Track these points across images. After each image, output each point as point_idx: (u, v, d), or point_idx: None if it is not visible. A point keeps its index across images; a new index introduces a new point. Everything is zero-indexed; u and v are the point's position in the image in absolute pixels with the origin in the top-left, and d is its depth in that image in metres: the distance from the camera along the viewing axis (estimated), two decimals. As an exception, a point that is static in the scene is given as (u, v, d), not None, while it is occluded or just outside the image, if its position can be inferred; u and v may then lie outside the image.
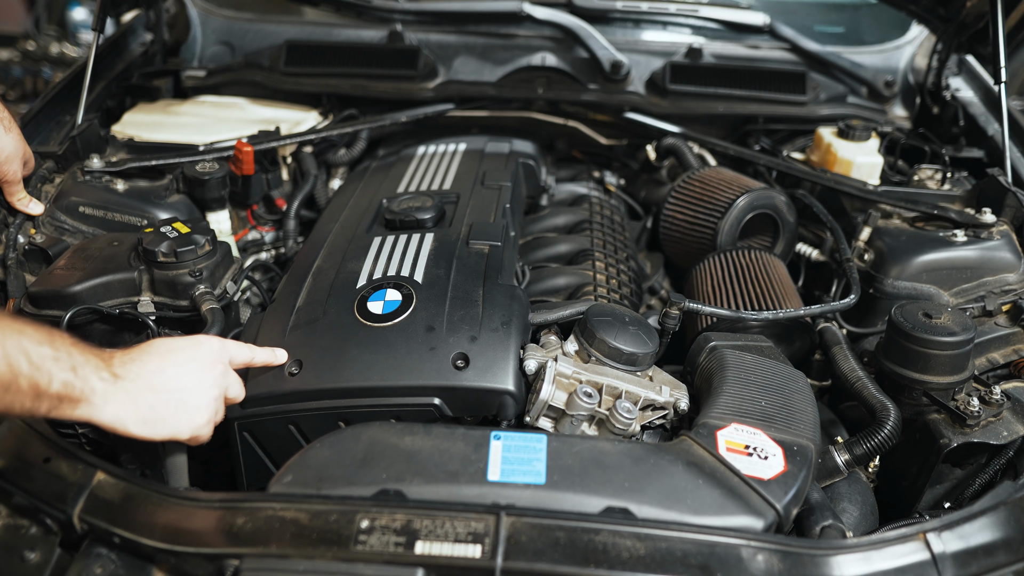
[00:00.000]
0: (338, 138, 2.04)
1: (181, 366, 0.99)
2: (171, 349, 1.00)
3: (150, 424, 0.94)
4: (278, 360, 1.18)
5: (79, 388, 0.87)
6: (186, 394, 0.98)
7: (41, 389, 0.84)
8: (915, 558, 0.89)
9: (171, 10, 2.31)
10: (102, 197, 1.61)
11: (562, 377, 1.17)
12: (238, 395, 1.11)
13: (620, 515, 0.92)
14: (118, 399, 0.91)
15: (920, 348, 1.25)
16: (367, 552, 0.85)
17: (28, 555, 0.92)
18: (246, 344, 1.14)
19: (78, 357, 0.88)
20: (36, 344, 0.84)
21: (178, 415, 0.97)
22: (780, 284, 1.52)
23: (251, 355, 1.14)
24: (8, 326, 0.83)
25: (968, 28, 2.01)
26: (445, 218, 1.53)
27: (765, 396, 1.13)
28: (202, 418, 1.01)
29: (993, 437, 1.20)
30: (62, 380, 0.85)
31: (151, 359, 0.97)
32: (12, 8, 4.60)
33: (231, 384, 1.09)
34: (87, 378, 0.88)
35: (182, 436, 0.99)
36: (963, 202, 1.74)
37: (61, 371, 0.85)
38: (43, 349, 0.84)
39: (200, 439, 1.04)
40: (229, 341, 1.11)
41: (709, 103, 2.13)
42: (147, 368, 0.95)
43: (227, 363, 1.08)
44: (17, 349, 0.82)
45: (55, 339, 0.87)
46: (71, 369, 0.86)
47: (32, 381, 0.83)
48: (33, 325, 0.86)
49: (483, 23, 2.24)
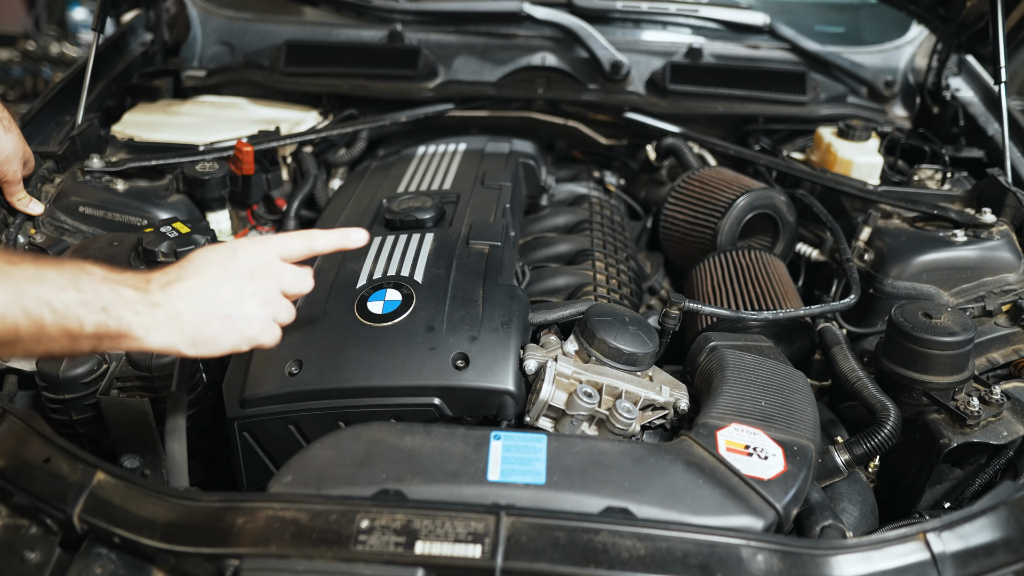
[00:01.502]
0: (338, 138, 2.04)
1: (218, 280, 0.95)
2: (207, 262, 0.96)
3: (201, 345, 0.92)
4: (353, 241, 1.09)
5: (114, 326, 0.85)
6: (230, 308, 0.94)
7: (75, 333, 0.82)
8: (915, 558, 0.89)
9: (171, 10, 2.31)
10: (102, 197, 1.61)
11: (562, 377, 1.17)
12: (301, 288, 1.04)
13: (620, 515, 0.92)
14: (160, 327, 0.89)
15: (920, 348, 1.25)
16: (367, 552, 0.85)
17: (28, 555, 0.92)
18: (302, 232, 1.06)
19: (107, 295, 0.85)
20: (59, 291, 0.82)
21: (226, 330, 0.94)
22: (780, 284, 1.52)
23: (310, 243, 1.05)
24: (26, 276, 0.81)
25: (968, 28, 2.01)
26: (445, 218, 1.53)
27: (765, 396, 1.13)
28: (253, 327, 0.97)
29: (993, 437, 1.20)
30: (94, 322, 0.83)
31: (188, 278, 0.93)
32: (12, 8, 4.60)
33: (286, 281, 1.01)
34: (121, 315, 0.86)
35: (241, 348, 0.96)
36: (963, 202, 1.74)
37: (91, 313, 0.83)
38: (67, 295, 0.82)
39: (264, 344, 1.00)
40: (275, 237, 1.03)
41: (709, 103, 2.13)
42: (185, 289, 0.92)
43: (270, 263, 1.00)
44: (37, 301, 0.80)
45: (80, 280, 0.84)
46: (101, 310, 0.84)
47: (62, 328, 0.81)
48: (56, 267, 0.84)
49: (483, 23, 2.24)
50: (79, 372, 1.18)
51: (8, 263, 0.81)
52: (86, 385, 1.19)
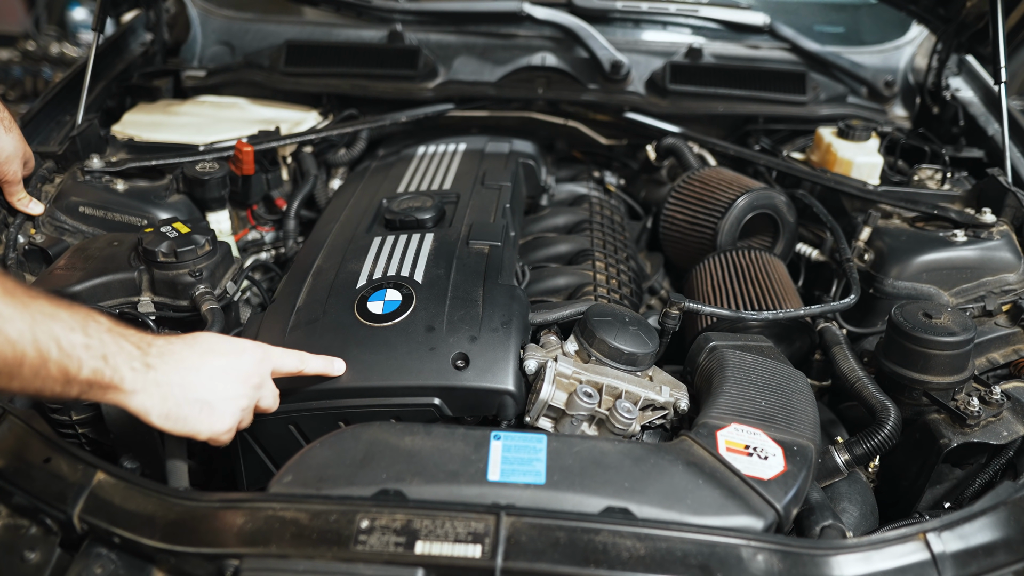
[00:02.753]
0: (338, 138, 2.04)
1: (217, 372, 0.98)
2: (212, 350, 0.99)
3: (171, 420, 0.94)
4: (336, 370, 1.14)
5: (108, 376, 0.87)
6: (215, 400, 0.98)
7: (71, 375, 0.84)
8: (915, 558, 0.89)
9: (171, 10, 2.31)
10: (102, 197, 1.61)
11: (562, 377, 1.17)
12: (271, 406, 1.09)
13: (620, 515, 0.92)
14: (147, 391, 0.91)
15: (920, 348, 1.25)
16: (367, 552, 0.85)
17: (28, 555, 0.92)
18: (297, 353, 1.11)
19: (111, 345, 0.87)
20: (68, 331, 0.84)
21: (201, 418, 0.97)
22: (780, 284, 1.52)
23: (300, 365, 1.10)
24: (41, 310, 0.83)
25: (968, 28, 2.01)
26: (445, 218, 1.53)
27: (765, 396, 1.13)
28: (224, 425, 1.00)
29: (993, 437, 1.20)
30: (92, 368, 0.85)
31: (190, 355, 0.96)
32: (12, 8, 4.60)
33: (265, 395, 1.07)
34: (117, 367, 0.88)
35: (200, 437, 0.99)
36: (963, 202, 1.74)
37: (91, 359, 0.85)
38: (75, 336, 0.84)
39: (219, 443, 1.03)
40: (275, 350, 1.08)
41: (709, 103, 2.13)
42: (183, 364, 0.95)
43: (266, 375, 1.06)
44: (48, 335, 0.82)
45: (88, 325, 0.86)
46: (102, 358, 0.86)
47: (61, 367, 0.83)
48: (69, 308, 0.86)
49: (483, 23, 2.24)
50: (79, 372, 1.18)
51: (28, 295, 0.83)
52: (86, 385, 1.19)
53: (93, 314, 0.88)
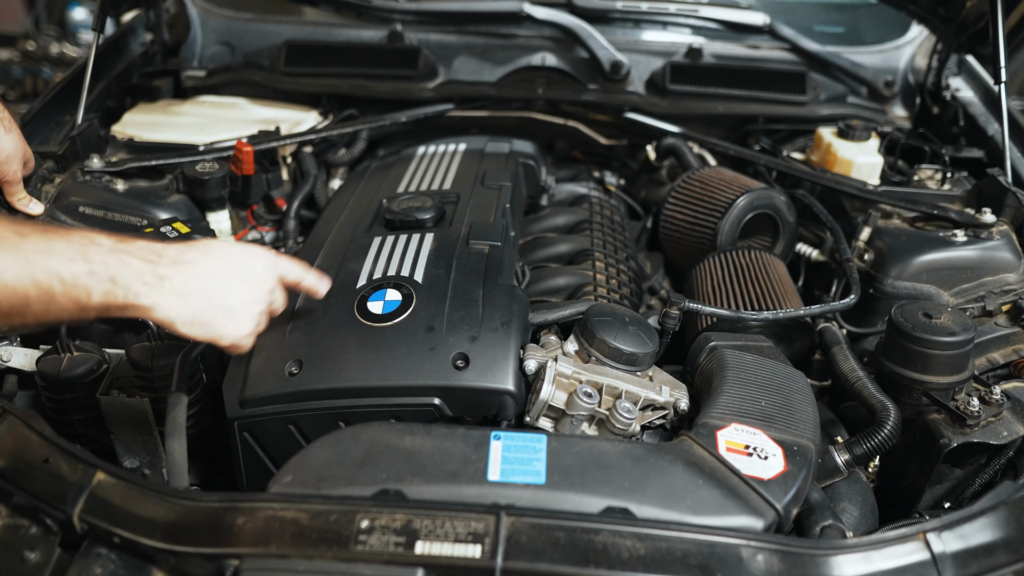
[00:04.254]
0: (338, 138, 2.04)
1: (233, 277, 0.99)
2: (225, 256, 1.00)
3: (196, 326, 0.95)
4: (321, 291, 1.17)
5: (122, 296, 0.87)
6: (236, 305, 0.99)
7: (83, 303, 0.85)
8: (915, 558, 0.89)
9: (171, 10, 2.31)
10: (102, 197, 1.61)
11: (562, 377, 1.17)
12: (281, 309, 1.12)
13: (620, 515, 0.92)
14: (167, 302, 0.91)
15: (920, 348, 1.25)
16: (367, 552, 0.85)
17: (28, 555, 0.92)
18: (298, 262, 1.14)
19: (115, 266, 0.87)
20: (68, 262, 0.84)
21: (224, 323, 0.98)
22: (780, 284, 1.52)
23: (301, 276, 1.13)
24: (36, 248, 0.83)
25: (968, 28, 2.01)
26: (445, 218, 1.53)
27: (765, 396, 1.13)
28: (246, 329, 1.01)
29: (993, 437, 1.20)
30: (102, 291, 0.86)
31: (204, 261, 0.97)
32: (12, 8, 4.60)
33: (278, 298, 1.09)
34: (129, 286, 0.88)
35: (223, 342, 1.00)
36: (963, 202, 1.74)
37: (99, 284, 0.85)
38: (76, 266, 0.84)
39: (240, 349, 1.04)
40: (282, 257, 1.10)
41: (709, 103, 2.13)
42: (199, 271, 0.95)
43: (276, 280, 1.07)
44: (47, 272, 0.82)
45: (89, 250, 0.86)
46: (110, 280, 0.86)
47: (71, 297, 0.84)
48: (65, 238, 0.85)
49: (483, 23, 2.24)
50: (79, 372, 1.18)
51: (17, 234, 0.83)
52: (86, 385, 1.19)
53: (93, 237, 0.88)
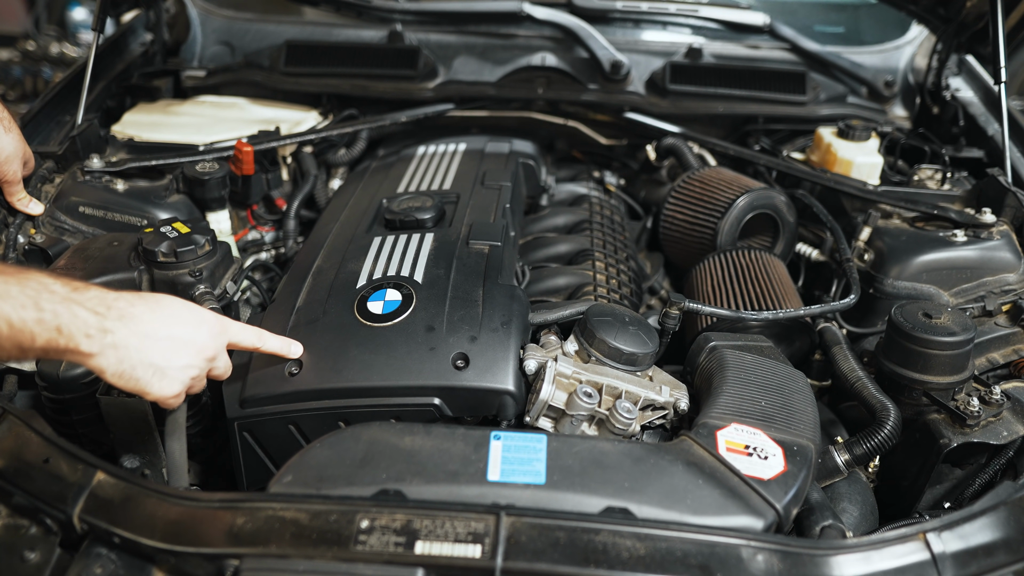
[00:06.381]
0: (338, 138, 2.04)
1: (175, 340, 0.99)
2: (172, 317, 1.00)
3: (124, 379, 0.96)
4: (292, 353, 1.17)
5: (64, 343, 0.89)
6: (167, 368, 0.99)
7: (25, 346, 0.87)
8: (915, 558, 0.89)
9: (171, 10, 2.31)
10: (102, 197, 1.61)
11: (562, 377, 1.17)
12: (223, 375, 1.11)
13: (620, 515, 0.92)
14: (103, 354, 0.92)
15: (920, 348, 1.25)
16: (367, 552, 0.85)
17: (28, 555, 0.92)
18: (256, 329, 1.13)
19: (65, 316, 0.89)
20: (19, 308, 0.85)
21: (152, 380, 0.98)
22: (780, 284, 1.52)
23: (258, 342, 1.12)
24: None
25: (968, 28, 2.01)
26: (445, 218, 1.53)
27: (765, 396, 1.13)
28: (172, 390, 1.01)
29: (993, 437, 1.20)
30: (45, 339, 0.87)
31: (149, 319, 0.97)
32: (12, 8, 4.60)
33: (218, 366, 1.09)
34: (72, 336, 0.89)
35: (149, 398, 1.01)
36: (963, 202, 1.74)
37: (44, 332, 0.87)
38: (26, 313, 0.86)
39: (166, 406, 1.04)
40: (234, 325, 1.10)
41: (709, 103, 2.13)
42: (142, 328, 0.96)
43: (222, 347, 1.07)
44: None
45: (41, 298, 0.87)
46: (55, 329, 0.88)
47: (15, 341, 0.86)
48: (21, 283, 0.87)
49: (483, 23, 2.24)
50: (79, 372, 1.18)
51: None
52: (86, 385, 1.19)
53: (47, 283, 0.89)
